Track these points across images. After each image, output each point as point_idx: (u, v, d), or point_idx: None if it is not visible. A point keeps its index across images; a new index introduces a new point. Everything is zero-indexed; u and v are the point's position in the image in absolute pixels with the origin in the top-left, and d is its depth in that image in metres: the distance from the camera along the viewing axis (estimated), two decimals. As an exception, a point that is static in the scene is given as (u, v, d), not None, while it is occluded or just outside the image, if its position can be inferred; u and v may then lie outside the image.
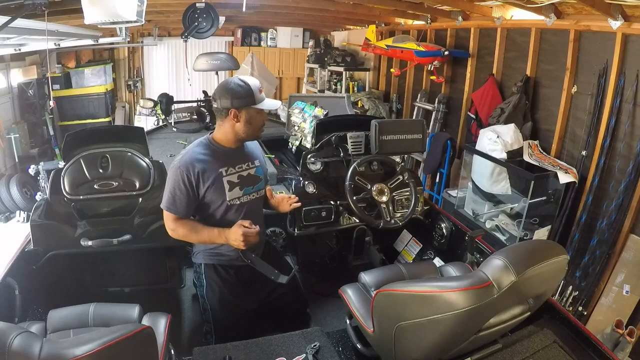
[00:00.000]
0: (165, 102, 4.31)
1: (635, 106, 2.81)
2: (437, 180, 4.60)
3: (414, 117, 5.20)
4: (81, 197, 2.13)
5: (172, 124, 4.31)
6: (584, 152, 3.14)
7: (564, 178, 3.05)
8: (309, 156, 2.48)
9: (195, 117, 4.46)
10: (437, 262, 2.45)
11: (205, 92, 4.51)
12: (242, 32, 7.51)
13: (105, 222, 2.18)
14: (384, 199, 2.30)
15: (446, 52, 4.37)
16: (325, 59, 6.64)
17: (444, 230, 2.52)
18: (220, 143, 1.78)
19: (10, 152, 5.24)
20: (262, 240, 1.97)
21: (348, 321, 1.89)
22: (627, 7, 2.67)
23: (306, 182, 2.38)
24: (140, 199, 2.21)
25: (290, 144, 3.58)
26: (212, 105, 1.76)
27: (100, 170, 2.16)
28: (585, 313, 2.97)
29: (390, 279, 1.79)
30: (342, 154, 2.50)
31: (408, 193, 2.43)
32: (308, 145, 3.06)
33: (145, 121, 6.05)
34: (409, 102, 5.67)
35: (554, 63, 3.45)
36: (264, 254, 1.93)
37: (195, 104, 4.53)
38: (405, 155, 4.46)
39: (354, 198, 2.24)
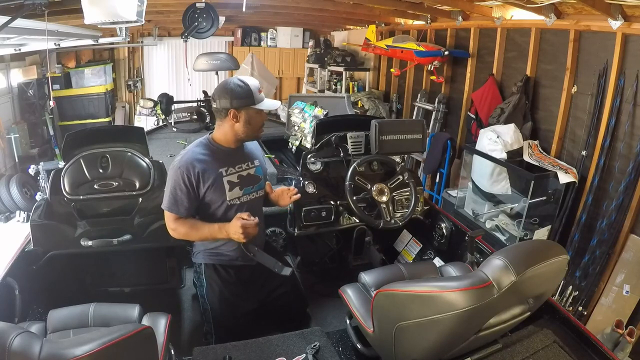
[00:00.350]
0: (165, 102, 4.31)
1: (635, 106, 2.81)
2: (437, 180, 4.59)
3: (414, 117, 5.20)
4: (81, 197, 2.13)
5: (172, 124, 4.31)
6: (584, 152, 3.14)
7: (564, 178, 3.05)
8: (309, 156, 2.48)
9: (195, 117, 4.46)
10: (437, 262, 2.45)
11: (205, 92, 4.51)
12: (242, 32, 7.51)
13: (105, 222, 2.18)
14: (384, 199, 2.30)
15: (446, 52, 4.37)
16: (325, 59, 6.64)
17: (444, 230, 2.52)
18: (220, 143, 1.78)
19: (10, 152, 5.24)
20: (262, 239, 1.97)
21: (348, 321, 1.89)
22: (627, 7, 2.66)
23: (306, 182, 2.38)
24: (140, 199, 2.21)
25: (290, 144, 3.58)
26: (212, 105, 1.76)
27: (100, 170, 2.16)
28: (585, 313, 2.97)
29: (390, 279, 1.79)
30: (342, 154, 2.50)
31: (408, 193, 2.43)
32: (308, 145, 3.06)
33: (145, 121, 6.05)
34: (409, 102, 5.67)
35: (554, 63, 3.45)
36: (264, 254, 1.93)
37: (195, 104, 4.53)
38: (405, 155, 4.46)
39: (354, 198, 2.24)
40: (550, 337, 1.62)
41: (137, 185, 2.20)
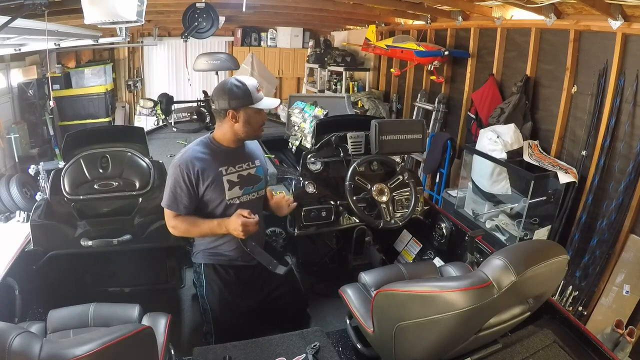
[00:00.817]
0: (165, 102, 4.30)
1: (635, 106, 2.81)
2: (437, 180, 4.59)
3: (414, 117, 5.20)
4: (81, 197, 2.13)
5: (172, 124, 4.31)
6: (584, 152, 3.14)
7: (564, 178, 3.05)
8: (309, 156, 2.47)
9: (195, 117, 4.45)
10: (437, 262, 2.45)
11: (205, 92, 4.51)
12: (242, 32, 7.51)
13: (105, 222, 2.17)
14: (384, 199, 2.30)
15: (446, 52, 4.37)
16: (325, 59, 6.64)
17: (444, 230, 2.52)
18: (221, 143, 1.78)
19: (10, 152, 5.24)
20: (262, 239, 1.97)
21: (348, 321, 1.89)
22: (627, 7, 2.67)
23: (306, 182, 2.38)
24: (140, 199, 2.21)
25: (290, 144, 3.57)
26: (211, 106, 1.76)
27: (100, 170, 2.16)
28: (585, 313, 2.97)
29: (390, 279, 1.79)
30: (342, 154, 2.50)
31: (408, 193, 2.43)
32: (308, 145, 3.06)
33: (145, 121, 6.05)
34: (409, 102, 5.67)
35: (554, 63, 3.45)
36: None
37: (195, 104, 4.53)
38: (405, 155, 4.46)
39: (354, 198, 2.24)
40: (550, 337, 1.62)
41: (137, 185, 2.20)
